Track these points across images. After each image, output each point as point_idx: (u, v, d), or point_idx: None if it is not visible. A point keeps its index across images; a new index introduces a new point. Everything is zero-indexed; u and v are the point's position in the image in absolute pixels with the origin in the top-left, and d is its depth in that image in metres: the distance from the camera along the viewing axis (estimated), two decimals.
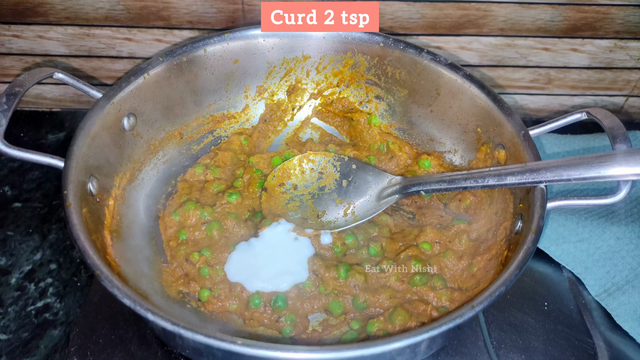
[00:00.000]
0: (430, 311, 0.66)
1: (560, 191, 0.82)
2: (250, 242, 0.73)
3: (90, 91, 0.71)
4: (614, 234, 0.76)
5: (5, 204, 0.85)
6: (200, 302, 0.70)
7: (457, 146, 0.81)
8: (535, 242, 0.60)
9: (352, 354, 0.51)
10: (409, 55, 0.80)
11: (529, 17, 0.86)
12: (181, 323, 0.52)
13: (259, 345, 0.50)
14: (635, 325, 0.71)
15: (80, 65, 0.94)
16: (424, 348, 0.61)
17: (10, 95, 0.63)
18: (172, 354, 0.67)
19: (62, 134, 0.96)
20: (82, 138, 0.66)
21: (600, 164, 0.57)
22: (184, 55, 0.77)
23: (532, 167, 0.62)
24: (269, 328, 0.68)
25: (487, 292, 0.56)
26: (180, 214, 0.76)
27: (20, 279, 0.77)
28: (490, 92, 0.74)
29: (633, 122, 1.01)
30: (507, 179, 0.63)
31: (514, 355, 0.68)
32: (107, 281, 0.55)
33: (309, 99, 0.88)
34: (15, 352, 0.70)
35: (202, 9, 0.86)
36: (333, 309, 0.69)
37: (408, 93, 0.83)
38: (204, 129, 0.85)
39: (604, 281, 0.74)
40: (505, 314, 0.72)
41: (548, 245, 0.78)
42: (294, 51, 0.83)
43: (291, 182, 0.81)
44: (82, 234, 0.59)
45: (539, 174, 0.61)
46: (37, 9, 0.87)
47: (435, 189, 0.70)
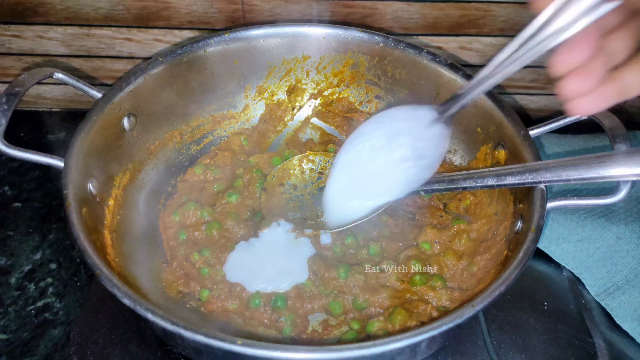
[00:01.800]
0: (430, 311, 0.66)
1: (560, 191, 0.82)
2: (250, 242, 0.73)
3: (90, 91, 0.71)
4: (614, 234, 0.76)
5: (5, 204, 0.85)
6: (200, 302, 0.70)
7: (457, 146, 0.82)
8: (535, 242, 0.60)
9: (352, 354, 0.51)
10: (409, 55, 0.80)
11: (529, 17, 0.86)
12: (181, 323, 0.52)
13: (259, 345, 0.50)
14: (635, 325, 0.71)
15: (80, 65, 0.94)
16: (424, 348, 0.61)
17: (10, 95, 0.63)
18: (172, 354, 0.67)
19: (62, 134, 0.96)
20: (82, 138, 0.66)
21: (600, 164, 0.57)
22: (184, 55, 0.77)
23: (532, 167, 0.62)
24: (269, 328, 0.68)
25: (487, 291, 0.56)
26: (180, 214, 0.76)
27: (20, 279, 0.77)
28: (490, 92, 0.74)
29: (633, 122, 1.01)
30: (506, 179, 0.63)
31: (514, 355, 0.68)
32: (107, 281, 0.55)
33: (309, 99, 0.88)
34: (15, 352, 0.70)
35: (202, 9, 0.86)
36: (333, 309, 0.69)
37: (408, 93, 0.83)
38: (204, 129, 0.85)
39: (604, 281, 0.74)
40: (505, 314, 0.72)
41: (548, 245, 0.78)
42: (294, 51, 0.83)
43: (291, 182, 0.81)
44: (82, 233, 0.59)
45: (538, 174, 0.61)
46: (37, 9, 0.87)
47: (435, 189, 0.70)
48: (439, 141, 0.62)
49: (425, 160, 0.63)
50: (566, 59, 0.45)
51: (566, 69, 0.45)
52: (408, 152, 0.62)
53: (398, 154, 0.63)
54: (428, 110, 0.63)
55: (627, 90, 0.46)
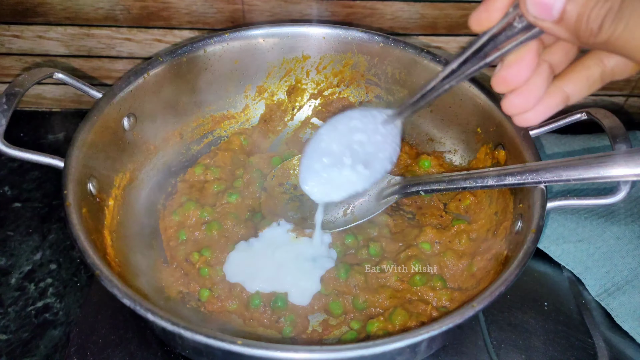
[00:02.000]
0: (430, 311, 0.66)
1: (560, 191, 0.82)
2: (250, 242, 0.73)
3: (90, 91, 0.71)
4: (614, 234, 0.76)
5: (5, 204, 0.85)
6: (200, 302, 0.70)
7: (457, 146, 0.82)
8: (535, 242, 0.60)
9: (352, 354, 0.51)
10: (409, 55, 0.80)
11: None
12: (181, 323, 0.52)
13: (259, 345, 0.50)
14: (635, 325, 0.71)
15: (80, 65, 0.94)
16: (424, 348, 0.61)
17: (10, 95, 0.63)
18: (172, 354, 0.67)
19: (62, 134, 0.96)
20: (82, 138, 0.66)
21: (600, 164, 0.57)
22: (184, 55, 0.77)
23: (532, 168, 0.62)
24: (269, 328, 0.68)
25: (487, 292, 0.56)
26: (180, 214, 0.76)
27: (20, 279, 0.77)
28: (490, 92, 0.74)
29: (633, 122, 1.01)
30: (506, 179, 0.63)
31: (514, 355, 0.68)
32: (107, 281, 0.55)
33: (309, 99, 0.88)
34: (15, 352, 0.70)
35: (202, 9, 0.86)
36: (333, 309, 0.69)
37: (408, 93, 0.83)
38: (204, 129, 0.85)
39: (604, 281, 0.74)
40: (505, 314, 0.72)
41: (548, 245, 0.78)
42: (294, 51, 0.83)
43: (291, 182, 0.81)
44: (82, 233, 0.59)
45: (538, 175, 0.61)
46: (37, 9, 0.87)
47: (435, 189, 0.70)
48: (393, 137, 0.64)
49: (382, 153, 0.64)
50: (508, 80, 0.46)
51: (509, 89, 0.46)
52: (364, 138, 0.64)
53: (356, 138, 0.64)
54: (378, 112, 0.65)
55: (569, 99, 0.48)
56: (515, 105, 0.47)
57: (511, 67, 0.45)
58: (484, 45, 0.46)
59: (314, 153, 0.65)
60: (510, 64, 0.45)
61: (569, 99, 0.48)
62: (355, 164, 0.64)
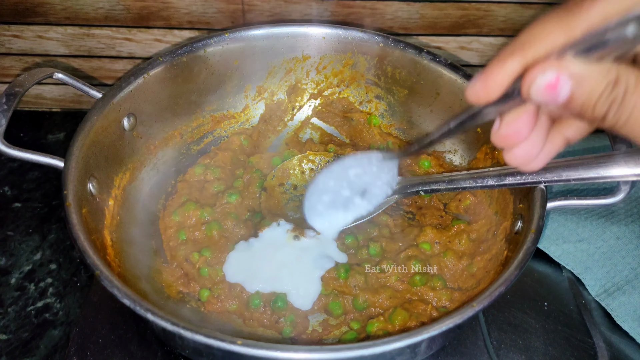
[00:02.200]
0: (430, 311, 0.66)
1: (560, 191, 0.82)
2: (250, 242, 0.73)
3: (90, 91, 0.71)
4: (614, 234, 0.76)
5: (5, 204, 0.85)
6: (200, 302, 0.70)
7: (457, 146, 0.82)
8: (535, 242, 0.60)
9: (352, 354, 0.51)
10: (409, 55, 0.80)
11: (529, 17, 0.86)
12: (181, 323, 0.52)
13: (259, 345, 0.50)
14: (635, 325, 0.71)
15: (80, 65, 0.94)
16: (424, 348, 0.61)
17: (10, 95, 0.63)
18: (172, 354, 0.67)
19: (62, 134, 0.96)
20: (82, 138, 0.66)
21: (600, 164, 0.57)
22: (184, 55, 0.77)
23: None
24: (268, 328, 0.68)
25: (487, 292, 0.56)
26: (180, 214, 0.76)
27: (20, 279, 0.77)
28: None
29: None
30: (506, 179, 0.63)
31: (514, 355, 0.68)
32: (107, 281, 0.55)
33: (309, 99, 0.88)
34: (15, 352, 0.70)
35: (202, 9, 0.86)
36: (333, 309, 0.69)
37: (408, 93, 0.83)
38: (204, 129, 0.85)
39: (604, 281, 0.74)
40: (505, 314, 0.72)
41: (548, 245, 0.78)
42: (294, 51, 0.83)
43: (291, 182, 0.81)
44: (82, 234, 0.59)
45: (538, 175, 0.61)
46: (37, 9, 0.87)
47: (435, 189, 0.70)
48: (389, 168, 0.69)
49: (380, 180, 0.69)
50: (510, 139, 0.45)
51: (510, 145, 0.46)
52: (360, 171, 0.69)
53: (352, 172, 0.69)
54: (374, 154, 0.69)
55: (570, 141, 0.49)
56: (519, 159, 0.46)
57: (511, 126, 0.44)
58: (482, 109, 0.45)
59: (314, 195, 0.70)
60: (509, 123, 0.44)
61: (570, 142, 0.48)
62: (354, 195, 0.69)
